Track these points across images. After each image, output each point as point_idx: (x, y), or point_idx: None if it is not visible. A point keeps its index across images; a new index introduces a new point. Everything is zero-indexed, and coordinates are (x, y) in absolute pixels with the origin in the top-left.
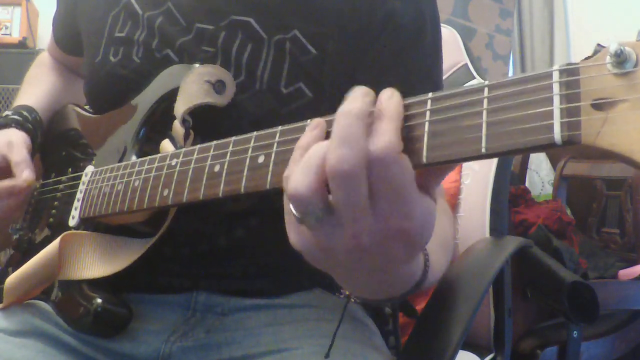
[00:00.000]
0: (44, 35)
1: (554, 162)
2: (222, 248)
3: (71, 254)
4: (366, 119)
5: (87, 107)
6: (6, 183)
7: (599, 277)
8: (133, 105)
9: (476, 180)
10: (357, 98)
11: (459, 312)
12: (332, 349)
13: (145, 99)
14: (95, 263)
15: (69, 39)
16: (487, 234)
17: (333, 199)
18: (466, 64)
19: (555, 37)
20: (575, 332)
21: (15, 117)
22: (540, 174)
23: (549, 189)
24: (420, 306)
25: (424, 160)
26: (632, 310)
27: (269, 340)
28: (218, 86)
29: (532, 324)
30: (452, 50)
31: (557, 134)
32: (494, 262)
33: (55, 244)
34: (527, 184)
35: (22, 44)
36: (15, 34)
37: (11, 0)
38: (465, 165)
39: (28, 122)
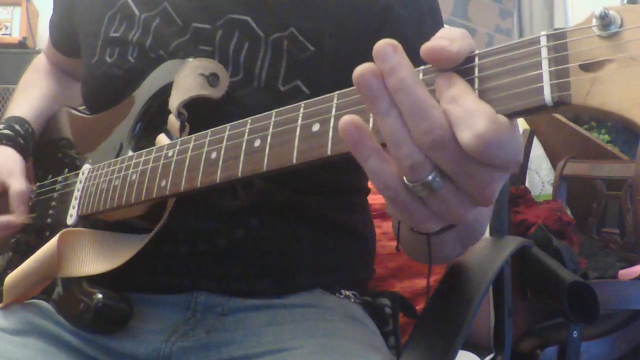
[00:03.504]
0: (44, 35)
1: (554, 162)
2: (222, 248)
3: (70, 252)
4: None
5: (82, 108)
6: (4, 219)
7: (599, 277)
8: (128, 103)
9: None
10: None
11: (459, 312)
12: (332, 349)
13: (140, 96)
14: (94, 259)
15: (67, 41)
16: (487, 234)
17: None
18: None
19: None
20: (575, 332)
21: (7, 132)
22: (540, 174)
23: (549, 189)
24: (420, 306)
25: None
26: (632, 310)
27: (269, 340)
28: (212, 79)
29: (532, 324)
30: None
31: (548, 96)
32: (494, 262)
33: (53, 241)
34: (527, 184)
35: (22, 44)
36: (15, 34)
37: (11, 0)
38: None
39: (19, 136)
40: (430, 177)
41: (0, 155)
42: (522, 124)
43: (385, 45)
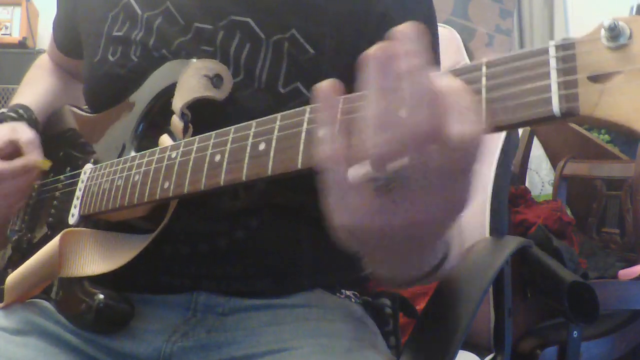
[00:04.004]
0: (44, 35)
1: (554, 162)
2: (222, 248)
3: (71, 251)
4: None
5: (85, 107)
6: (20, 161)
7: (599, 277)
8: (131, 102)
9: (476, 180)
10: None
11: (459, 312)
12: (332, 349)
13: (143, 96)
14: (95, 260)
15: (70, 41)
16: (487, 234)
17: None
18: None
19: (555, 37)
20: (575, 332)
21: (11, 114)
22: (540, 174)
23: (549, 189)
24: (420, 306)
25: None
26: (632, 310)
27: (270, 340)
28: (216, 80)
29: (532, 324)
30: (452, 51)
31: (556, 107)
32: (494, 262)
33: (55, 241)
34: (527, 184)
35: (22, 44)
36: (15, 34)
37: (11, 0)
38: None
39: (24, 119)
40: (392, 174)
41: (4, 125)
42: None
43: (411, 30)
